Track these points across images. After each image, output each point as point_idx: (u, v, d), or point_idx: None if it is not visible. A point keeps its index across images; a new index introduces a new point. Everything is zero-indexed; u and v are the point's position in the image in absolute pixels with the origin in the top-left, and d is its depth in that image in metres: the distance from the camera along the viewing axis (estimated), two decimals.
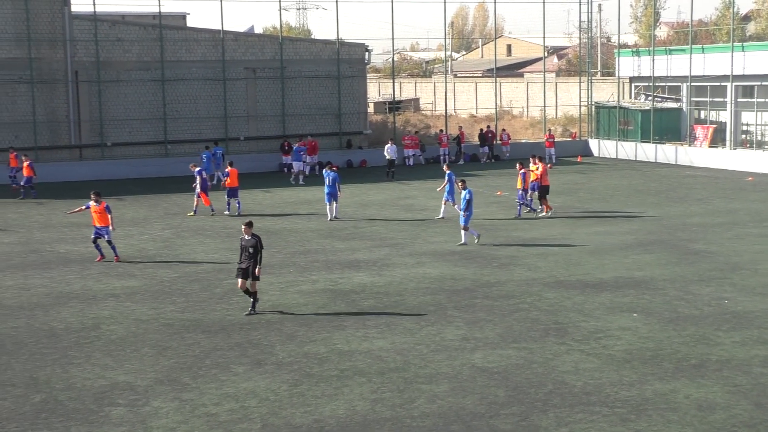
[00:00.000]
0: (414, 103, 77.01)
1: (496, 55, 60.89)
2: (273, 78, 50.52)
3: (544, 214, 32.91)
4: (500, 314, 19.65)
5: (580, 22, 62.11)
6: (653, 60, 54.07)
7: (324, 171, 33.11)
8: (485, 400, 14.57)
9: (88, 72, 46.81)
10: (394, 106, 62.99)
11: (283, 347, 17.43)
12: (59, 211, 35.10)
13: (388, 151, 46.11)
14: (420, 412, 14.12)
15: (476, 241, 27.65)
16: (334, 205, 32.73)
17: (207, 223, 31.93)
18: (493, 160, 52.83)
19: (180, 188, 40.65)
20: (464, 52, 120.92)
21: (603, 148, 55.94)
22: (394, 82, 61.07)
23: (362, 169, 49.67)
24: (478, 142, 53.33)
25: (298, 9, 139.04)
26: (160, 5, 48.37)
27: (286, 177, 45.82)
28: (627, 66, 58.12)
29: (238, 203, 34.32)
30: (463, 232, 27.60)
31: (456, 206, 31.21)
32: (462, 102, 74.83)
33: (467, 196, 27.34)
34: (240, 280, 19.72)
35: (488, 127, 54.85)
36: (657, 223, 31.36)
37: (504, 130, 55.83)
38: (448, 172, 32.49)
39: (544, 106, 58.96)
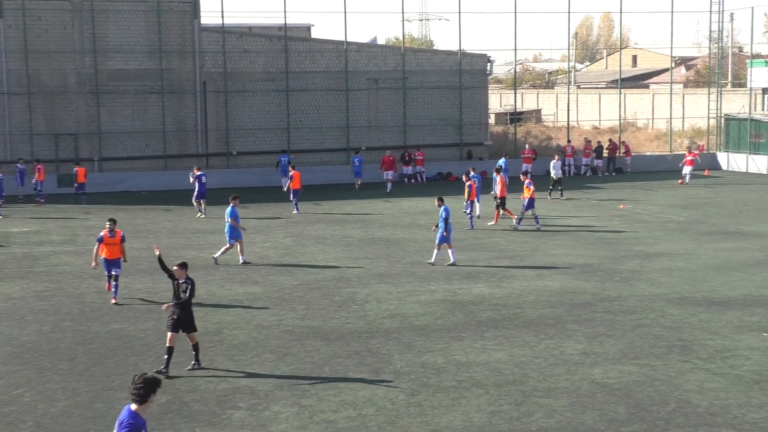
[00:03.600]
0: (536, 115, 76.33)
1: (621, 65, 59.82)
2: (395, 88, 50.85)
3: (492, 223, 33.30)
4: (621, 329, 19.26)
5: (711, 31, 60.35)
6: None
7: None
8: (605, 416, 14.30)
9: (216, 82, 48.10)
10: (516, 117, 62.57)
11: (401, 357, 17.48)
12: (186, 217, 36.12)
13: (554, 166, 40.91)
14: (538, 426, 13.95)
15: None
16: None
17: (327, 232, 32.32)
18: (614, 173, 51.83)
19: (303, 196, 41.26)
20: (588, 63, 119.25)
21: (732, 161, 54.27)
22: (515, 93, 60.70)
23: (482, 180, 49.28)
24: (594, 155, 52.20)
25: (421, 20, 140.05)
26: (285, 17, 49.42)
27: (407, 187, 46.21)
28: (760, 77, 56.30)
29: (297, 204, 37.08)
30: (435, 250, 26.22)
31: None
32: (585, 113, 73.71)
33: (443, 214, 25.90)
34: (170, 334, 16.46)
35: (610, 140, 53.70)
36: None
37: (623, 142, 54.59)
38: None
39: (671, 118, 57.52)
